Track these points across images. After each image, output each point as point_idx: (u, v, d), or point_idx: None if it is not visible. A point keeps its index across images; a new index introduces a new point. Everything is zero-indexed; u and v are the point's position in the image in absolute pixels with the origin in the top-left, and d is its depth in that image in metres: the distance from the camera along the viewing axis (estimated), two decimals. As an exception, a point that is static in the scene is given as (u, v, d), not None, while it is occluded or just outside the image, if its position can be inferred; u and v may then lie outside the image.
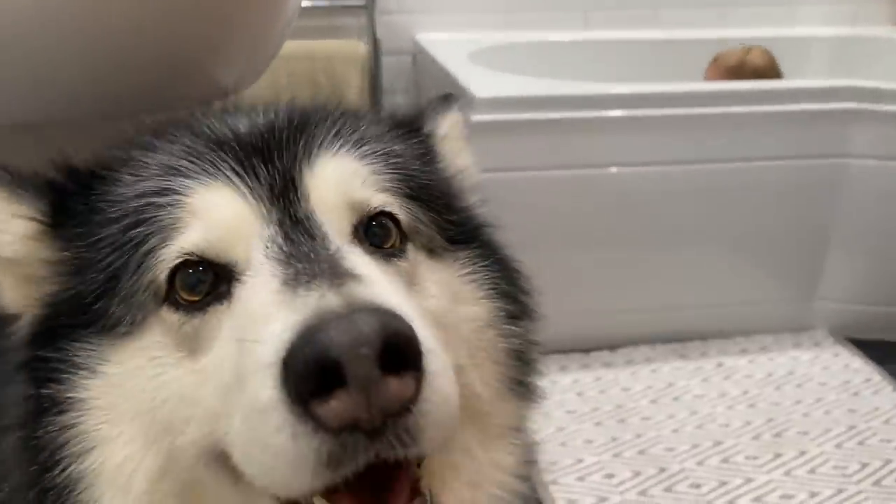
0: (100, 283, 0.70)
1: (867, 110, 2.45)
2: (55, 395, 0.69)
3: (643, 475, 2.03)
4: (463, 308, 0.77)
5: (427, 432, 0.57)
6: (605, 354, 2.59)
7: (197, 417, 0.65)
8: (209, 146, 0.73)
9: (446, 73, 2.72)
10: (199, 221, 0.68)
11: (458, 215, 0.84)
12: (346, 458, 0.55)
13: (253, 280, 0.65)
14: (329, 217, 0.70)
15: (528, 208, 2.40)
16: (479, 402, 0.76)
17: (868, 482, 1.99)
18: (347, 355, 0.53)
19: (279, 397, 0.55)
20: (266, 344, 0.57)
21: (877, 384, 2.41)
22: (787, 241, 2.60)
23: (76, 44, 0.90)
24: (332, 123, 0.76)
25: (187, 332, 0.67)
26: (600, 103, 2.42)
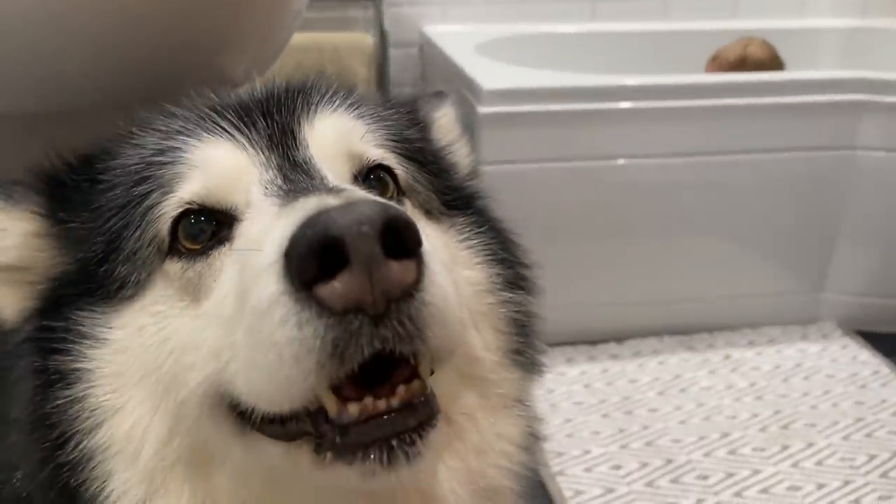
0: (103, 246, 0.71)
1: (875, 102, 2.44)
2: (62, 366, 0.69)
3: (650, 466, 2.03)
4: (462, 271, 0.78)
5: (429, 326, 0.57)
6: (612, 346, 2.59)
7: (200, 361, 0.65)
8: (208, 111, 0.75)
9: (453, 65, 2.72)
10: (199, 172, 0.70)
11: (454, 182, 0.87)
12: (350, 345, 0.55)
13: (253, 214, 0.66)
14: (328, 164, 0.72)
15: (535, 200, 2.41)
16: (480, 368, 0.77)
17: (875, 474, 1.99)
18: (349, 232, 0.53)
19: (282, 289, 0.55)
20: (267, 248, 0.58)
21: (885, 376, 2.41)
22: (795, 233, 2.60)
23: (84, 35, 0.90)
24: (328, 87, 0.79)
25: (190, 279, 0.68)
26: (608, 95, 2.42)
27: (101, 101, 0.96)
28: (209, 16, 0.97)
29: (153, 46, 0.94)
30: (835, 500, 1.91)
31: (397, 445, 0.59)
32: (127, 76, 0.95)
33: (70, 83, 0.93)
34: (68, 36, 0.89)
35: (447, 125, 0.95)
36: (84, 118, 0.97)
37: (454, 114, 0.96)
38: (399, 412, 0.59)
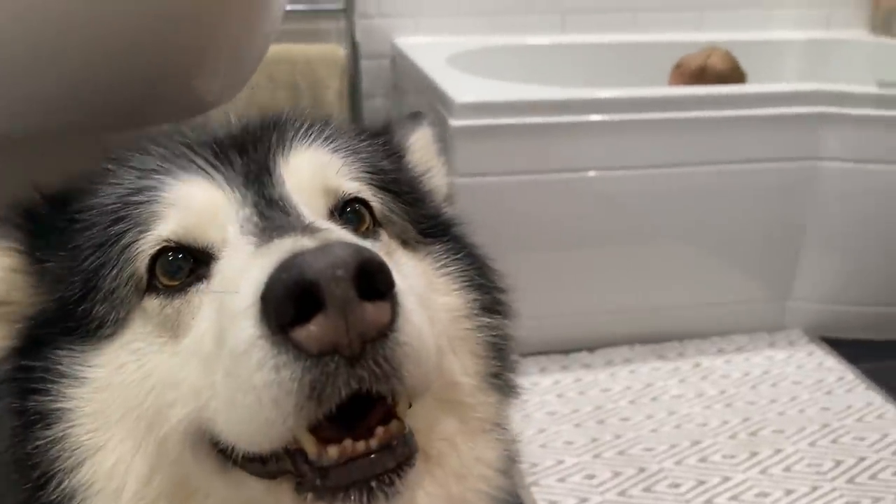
0: (81, 286, 0.71)
1: (837, 114, 2.50)
2: (41, 407, 0.69)
3: (623, 475, 2.06)
4: (439, 298, 0.79)
5: (405, 366, 0.58)
6: (584, 355, 2.62)
7: (181, 398, 0.66)
8: (184, 148, 0.75)
9: (425, 78, 2.74)
10: (175, 210, 0.70)
11: (429, 210, 0.88)
12: (328, 386, 0.56)
13: (230, 252, 0.67)
14: (304, 199, 0.72)
15: (507, 212, 2.43)
16: (459, 393, 0.78)
17: (842, 480, 2.03)
18: (324, 276, 0.54)
19: (259, 333, 0.56)
20: (243, 290, 0.58)
21: (849, 382, 2.46)
22: (761, 242, 2.65)
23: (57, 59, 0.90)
24: (302, 122, 0.80)
25: (168, 315, 0.68)
26: (579, 108, 2.45)
27: (74, 124, 0.96)
28: (182, 39, 0.97)
29: (126, 69, 0.93)
30: (802, 505, 1.95)
31: (377, 486, 0.59)
32: (99, 99, 0.94)
33: (42, 106, 0.93)
34: (42, 59, 0.89)
35: (423, 147, 0.95)
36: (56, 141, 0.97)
37: (431, 134, 0.97)
38: (378, 453, 0.60)
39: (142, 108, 0.99)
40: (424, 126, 0.97)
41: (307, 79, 3.09)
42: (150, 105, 1.00)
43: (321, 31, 3.23)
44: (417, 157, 0.94)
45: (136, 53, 0.95)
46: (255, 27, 1.09)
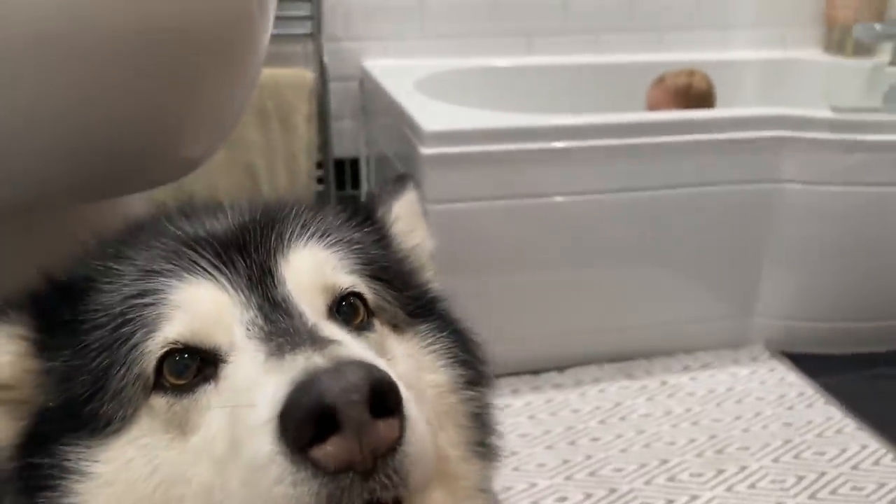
0: (88, 385, 0.73)
1: (796, 138, 2.59)
2: (49, 503, 0.71)
3: (594, 497, 2.10)
4: (426, 376, 0.83)
5: (412, 472, 0.62)
6: (554, 375, 2.67)
7: (190, 495, 0.68)
8: (184, 247, 0.77)
9: (393, 103, 2.77)
10: (182, 313, 0.72)
11: (416, 291, 0.92)
12: (343, 499, 0.60)
13: (238, 358, 0.70)
14: (305, 299, 0.75)
15: (476, 237, 2.47)
16: (447, 464, 0.81)
17: (804, 495, 2.10)
18: (341, 401, 0.58)
19: (278, 450, 0.60)
20: (260, 406, 0.62)
21: (810, 397, 2.54)
22: (724, 262, 2.73)
23: (36, 130, 0.90)
24: (298, 217, 0.83)
25: (176, 413, 0.71)
26: (543, 135, 2.50)
27: (51, 196, 0.96)
28: (161, 105, 0.97)
29: (103, 140, 0.93)
30: (767, 523, 2.01)
31: None
32: (79, 168, 0.94)
33: (19, 180, 0.93)
34: (19, 132, 0.89)
35: (409, 213, 0.98)
36: (39, 212, 0.98)
37: (416, 197, 1.00)
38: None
39: (121, 177, 1.00)
40: (409, 189, 1.00)
41: (275, 102, 3.11)
42: (130, 174, 1.01)
43: (289, 54, 3.24)
44: (403, 225, 0.97)
45: (116, 123, 0.96)
46: (237, 84, 1.11)
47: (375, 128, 3.29)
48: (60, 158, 0.92)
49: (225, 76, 1.09)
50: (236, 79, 1.12)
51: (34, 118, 0.91)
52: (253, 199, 0.85)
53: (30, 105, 0.90)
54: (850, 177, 2.60)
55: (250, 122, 3.05)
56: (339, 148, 3.37)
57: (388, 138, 2.97)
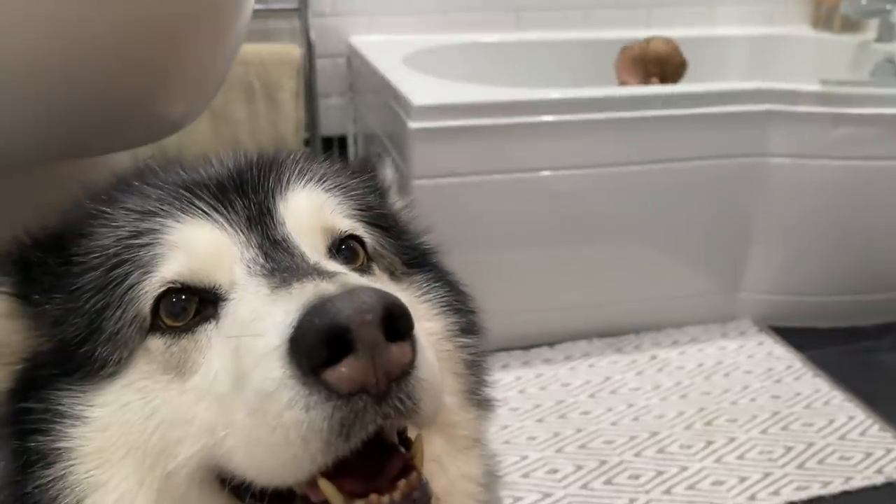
0: (82, 328, 0.71)
1: (783, 111, 2.59)
2: (42, 447, 0.70)
3: (585, 469, 2.11)
4: (422, 324, 0.82)
5: (423, 400, 0.62)
6: (544, 350, 2.67)
7: (190, 436, 0.67)
8: (181, 189, 0.76)
9: (382, 78, 2.75)
10: (180, 252, 0.71)
11: (412, 242, 0.93)
12: (356, 424, 0.59)
13: (240, 294, 0.69)
14: (304, 240, 0.75)
15: (465, 212, 2.47)
16: (445, 412, 0.81)
17: (792, 466, 2.12)
18: (355, 321, 0.57)
19: (290, 373, 0.59)
20: (268, 333, 0.61)
21: (797, 370, 2.56)
22: (712, 236, 2.73)
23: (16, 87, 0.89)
24: (295, 163, 0.82)
25: (174, 354, 0.70)
26: (531, 109, 2.49)
27: (37, 153, 0.95)
28: (145, 65, 0.97)
29: (89, 97, 0.93)
30: (756, 492, 2.03)
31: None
32: (61, 127, 0.94)
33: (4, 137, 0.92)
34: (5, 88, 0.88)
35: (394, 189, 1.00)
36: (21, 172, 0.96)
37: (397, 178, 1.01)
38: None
39: (106, 134, 0.99)
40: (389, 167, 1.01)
41: (262, 79, 3.08)
42: (115, 131, 1.00)
43: (275, 30, 3.21)
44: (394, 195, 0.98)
45: (100, 79, 0.95)
46: (220, 46, 1.10)
47: (363, 104, 3.26)
48: (44, 114, 0.91)
49: (208, 37, 1.07)
50: (220, 41, 1.11)
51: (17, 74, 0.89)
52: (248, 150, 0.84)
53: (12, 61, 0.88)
54: (837, 150, 2.60)
55: (236, 98, 3.02)
56: (326, 125, 3.35)
57: (376, 114, 2.95)
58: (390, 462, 0.66)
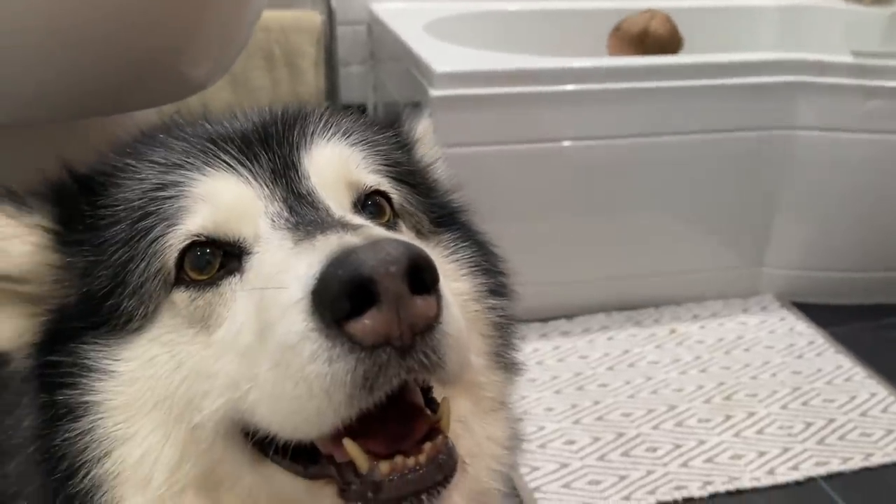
0: (109, 280, 0.71)
1: (812, 83, 2.53)
2: (69, 400, 0.70)
3: (602, 441, 2.11)
4: (450, 284, 0.81)
5: (448, 355, 0.61)
6: (562, 323, 2.66)
7: (215, 389, 0.67)
8: (206, 142, 0.75)
9: (403, 45, 2.72)
10: (205, 205, 0.71)
11: (440, 200, 0.91)
12: (380, 377, 0.58)
13: (265, 248, 0.68)
14: (329, 194, 0.74)
15: (485, 182, 2.44)
16: (472, 373, 0.80)
17: (812, 441, 2.11)
18: (379, 272, 0.56)
19: (313, 326, 0.58)
20: (291, 286, 0.60)
21: (819, 346, 2.53)
22: (736, 210, 2.69)
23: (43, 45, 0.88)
24: (321, 117, 0.81)
25: (199, 307, 0.69)
26: (554, 77, 2.45)
27: (68, 111, 0.95)
28: (171, 20, 0.95)
29: (113, 54, 0.92)
30: (774, 467, 2.01)
31: (427, 498, 0.62)
32: (91, 85, 0.93)
33: (30, 95, 0.91)
34: (28, 47, 0.87)
35: (427, 137, 0.97)
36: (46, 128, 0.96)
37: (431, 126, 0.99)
38: (427, 467, 0.63)
39: (129, 92, 0.98)
40: (426, 117, 0.98)
41: (282, 46, 3.05)
42: (138, 89, 0.99)
43: (296, -4, 3.18)
44: (423, 146, 0.96)
45: (124, 36, 0.94)
46: (243, 7, 1.08)
47: (384, 72, 3.23)
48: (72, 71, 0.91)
49: (231, 0, 1.05)
50: (242, 2, 1.09)
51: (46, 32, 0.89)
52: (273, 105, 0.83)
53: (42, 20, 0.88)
54: (867, 124, 2.55)
55: (257, 66, 3.01)
56: (346, 93, 3.32)
57: (397, 82, 2.93)
58: (417, 425, 0.65)
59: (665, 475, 1.99)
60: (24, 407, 0.73)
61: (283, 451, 0.67)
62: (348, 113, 0.86)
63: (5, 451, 0.74)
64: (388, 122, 0.93)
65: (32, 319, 0.75)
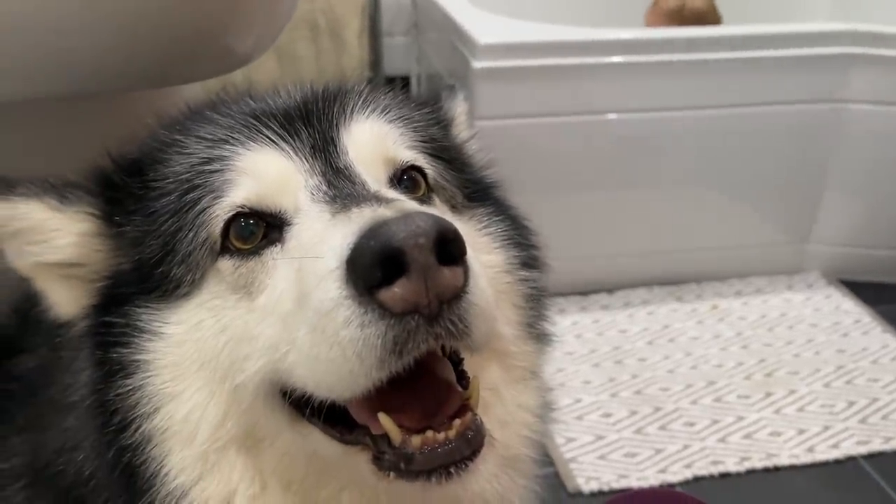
0: (158, 249, 0.75)
1: (865, 55, 2.46)
2: (122, 358, 0.74)
3: (639, 414, 2.12)
4: (483, 256, 0.84)
5: (475, 323, 0.64)
6: (603, 297, 2.66)
7: (256, 351, 0.71)
8: (250, 118, 0.79)
9: (446, 17, 2.71)
10: (248, 178, 0.75)
11: (474, 176, 0.93)
12: (409, 342, 0.61)
13: (304, 219, 0.72)
14: (366, 169, 0.77)
15: (527, 154, 2.44)
16: (503, 342, 0.84)
17: (854, 420, 2.08)
18: (408, 243, 0.59)
19: (346, 293, 0.62)
20: (327, 255, 0.63)
21: (866, 325, 2.49)
22: (783, 185, 2.65)
23: (91, 19, 0.91)
24: (359, 94, 0.84)
25: (242, 274, 0.73)
26: (600, 49, 2.42)
27: (117, 83, 0.98)
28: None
29: (160, 28, 0.95)
30: (814, 444, 2.00)
31: (455, 471, 0.66)
32: (139, 57, 0.96)
33: (80, 67, 0.95)
34: (77, 21, 0.90)
35: (462, 118, 1.00)
36: (95, 101, 0.99)
37: (466, 108, 1.01)
38: (456, 442, 0.66)
39: (177, 65, 1.01)
40: (462, 99, 1.01)
41: (327, 17, 3.07)
42: (185, 63, 1.02)
43: (341, -33, 3.18)
44: (459, 127, 0.99)
45: (172, 10, 0.96)
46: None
47: (427, 44, 3.23)
48: (121, 45, 0.94)
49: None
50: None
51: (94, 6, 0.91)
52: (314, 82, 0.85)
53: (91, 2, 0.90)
54: (923, 97, 2.47)
55: (301, 36, 3.03)
56: (390, 65, 3.33)
57: (440, 54, 2.92)
58: (448, 401, 0.68)
59: (702, 450, 1.99)
60: (82, 361, 0.77)
61: (319, 413, 0.70)
62: (386, 90, 0.88)
63: (65, 406, 0.79)
64: (426, 100, 0.96)
65: (89, 287, 0.79)
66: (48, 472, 0.81)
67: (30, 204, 0.78)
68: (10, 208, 0.77)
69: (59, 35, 0.92)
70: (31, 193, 0.78)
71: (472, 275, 0.64)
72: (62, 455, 0.80)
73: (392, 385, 0.64)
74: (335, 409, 0.69)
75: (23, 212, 0.78)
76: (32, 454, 0.84)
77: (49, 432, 0.82)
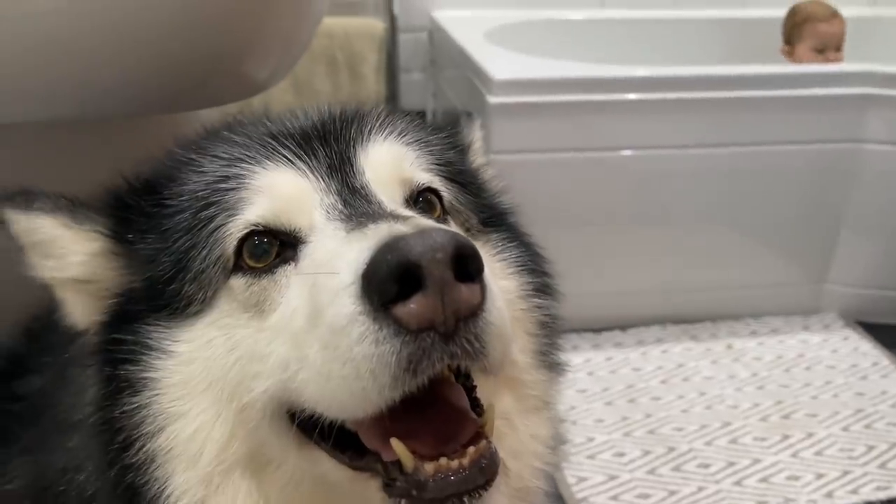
0: (171, 266, 0.75)
1: (882, 95, 2.46)
2: (130, 375, 0.74)
3: (652, 454, 2.08)
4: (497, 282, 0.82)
5: (491, 343, 0.62)
6: (616, 334, 2.63)
7: (266, 370, 0.70)
8: (267, 137, 0.79)
9: (462, 53, 2.73)
10: (264, 197, 0.74)
11: (489, 201, 0.93)
12: (424, 360, 0.60)
13: (319, 237, 0.71)
14: (382, 189, 0.77)
15: (542, 189, 2.44)
16: (516, 370, 0.83)
17: (874, 465, 2.03)
18: (425, 258, 0.58)
19: (361, 309, 0.60)
20: (342, 271, 0.62)
21: (884, 368, 2.45)
22: (799, 224, 2.63)
23: (117, 44, 0.93)
24: (377, 116, 0.84)
25: (254, 293, 0.72)
26: (616, 86, 2.43)
27: (135, 108, 0.99)
28: (233, 25, 0.99)
29: (180, 55, 0.96)
30: (833, 490, 1.95)
31: (468, 500, 0.64)
32: (156, 83, 0.97)
33: (102, 92, 0.96)
34: (100, 48, 0.91)
35: (479, 146, 1.01)
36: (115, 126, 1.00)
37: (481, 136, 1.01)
38: (470, 470, 0.64)
39: (194, 91, 1.02)
40: (477, 125, 1.01)
41: (345, 52, 3.11)
42: (202, 88, 1.03)
43: (359, 3, 3.24)
44: (475, 154, 0.99)
45: (190, 38, 0.98)
46: (304, 10, 1.11)
47: (444, 80, 3.26)
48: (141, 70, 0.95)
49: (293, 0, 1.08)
50: (304, 4, 1.12)
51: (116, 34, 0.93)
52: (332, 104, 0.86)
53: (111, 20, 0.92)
54: (940, 139, 2.46)
55: (319, 71, 3.06)
56: (406, 100, 3.36)
57: (457, 89, 2.94)
58: (462, 428, 0.67)
59: (717, 492, 1.94)
60: (88, 379, 0.77)
61: (328, 437, 0.69)
62: (404, 114, 0.88)
63: (69, 425, 0.78)
64: (443, 125, 0.96)
65: (101, 303, 0.79)
66: (51, 493, 0.80)
67: (45, 219, 0.78)
68: (29, 221, 0.78)
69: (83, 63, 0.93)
70: (47, 209, 0.78)
71: (489, 293, 0.62)
72: (65, 475, 0.78)
73: (405, 411, 0.63)
74: (344, 434, 0.68)
75: (39, 225, 0.78)
76: (36, 475, 0.83)
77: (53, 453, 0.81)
